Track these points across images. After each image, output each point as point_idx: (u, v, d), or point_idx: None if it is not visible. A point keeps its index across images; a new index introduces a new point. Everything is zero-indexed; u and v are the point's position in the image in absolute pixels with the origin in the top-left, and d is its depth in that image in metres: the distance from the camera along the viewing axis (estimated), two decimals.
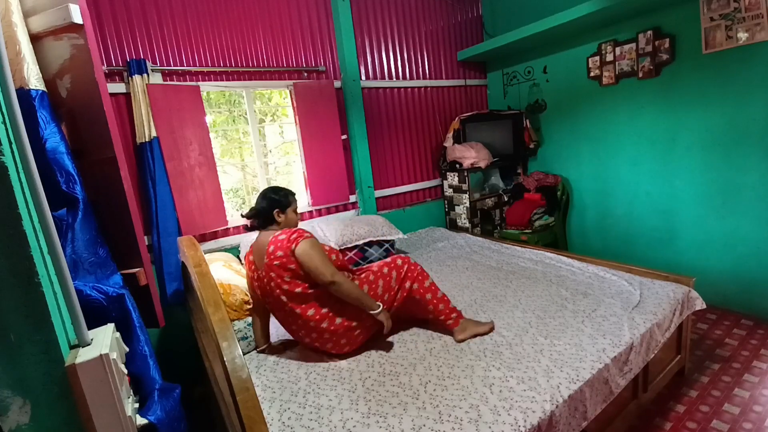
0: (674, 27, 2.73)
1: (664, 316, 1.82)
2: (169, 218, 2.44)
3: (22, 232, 0.57)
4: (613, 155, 3.28)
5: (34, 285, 0.58)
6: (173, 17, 2.52)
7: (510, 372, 1.50)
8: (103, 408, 0.64)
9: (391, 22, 3.48)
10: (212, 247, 2.71)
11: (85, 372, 0.62)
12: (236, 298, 1.95)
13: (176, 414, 1.07)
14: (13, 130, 0.61)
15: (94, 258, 1.07)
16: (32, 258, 0.58)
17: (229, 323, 1.25)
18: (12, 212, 0.56)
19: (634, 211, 3.22)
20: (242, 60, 2.79)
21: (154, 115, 2.38)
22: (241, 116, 3.53)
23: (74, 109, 1.16)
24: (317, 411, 1.42)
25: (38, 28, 1.07)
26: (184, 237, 1.86)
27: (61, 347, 0.61)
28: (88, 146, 1.19)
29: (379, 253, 2.92)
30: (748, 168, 2.55)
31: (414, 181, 3.75)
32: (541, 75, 3.64)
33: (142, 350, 1.07)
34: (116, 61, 2.35)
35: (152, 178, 2.39)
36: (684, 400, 1.97)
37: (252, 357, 1.86)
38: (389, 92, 3.52)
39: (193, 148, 2.57)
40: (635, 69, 2.95)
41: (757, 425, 1.77)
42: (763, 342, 2.36)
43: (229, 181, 4.21)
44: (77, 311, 0.67)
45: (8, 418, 0.56)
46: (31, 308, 0.58)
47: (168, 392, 1.09)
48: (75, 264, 1.01)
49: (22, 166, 0.62)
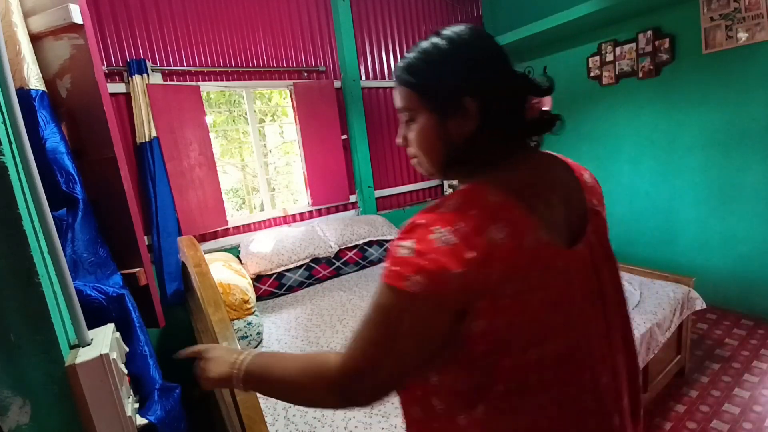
0: (674, 27, 2.73)
1: (664, 316, 1.82)
2: (169, 218, 2.44)
3: (22, 232, 0.57)
4: (613, 155, 3.28)
5: (34, 285, 0.58)
6: (173, 17, 2.52)
7: None
8: (103, 408, 0.64)
9: (391, 22, 3.48)
10: (212, 247, 2.70)
11: (85, 372, 0.62)
12: (236, 298, 1.96)
13: (176, 414, 1.07)
14: (13, 130, 0.61)
15: (94, 258, 1.07)
16: (32, 258, 0.58)
17: (229, 323, 1.26)
18: (12, 212, 0.56)
19: (634, 211, 3.22)
20: (242, 60, 2.79)
21: (154, 115, 2.38)
22: (241, 116, 3.53)
23: (74, 109, 1.16)
24: (321, 409, 1.42)
25: (38, 28, 1.07)
26: (184, 237, 1.86)
27: (61, 347, 0.61)
28: (88, 146, 1.19)
29: (379, 253, 2.92)
30: (748, 168, 2.55)
31: (414, 181, 3.75)
32: (541, 75, 3.63)
33: (142, 350, 1.07)
34: (116, 61, 2.35)
35: (152, 178, 2.38)
36: (684, 400, 1.97)
37: None
38: (389, 92, 3.52)
39: (193, 148, 2.57)
40: (635, 69, 2.95)
41: (757, 425, 1.77)
42: (763, 342, 2.36)
43: (229, 181, 4.21)
44: (77, 311, 0.67)
45: (8, 418, 0.56)
46: (31, 308, 0.58)
47: (168, 392, 1.09)
48: (75, 264, 1.01)
49: (22, 166, 0.62)
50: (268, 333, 2.08)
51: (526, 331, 0.55)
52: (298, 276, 2.59)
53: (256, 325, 1.99)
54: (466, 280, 0.50)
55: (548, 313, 0.56)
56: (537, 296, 0.54)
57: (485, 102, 0.59)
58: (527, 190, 0.58)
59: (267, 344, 1.98)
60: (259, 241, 2.63)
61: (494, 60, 0.61)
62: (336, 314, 2.19)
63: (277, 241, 2.63)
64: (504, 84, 0.61)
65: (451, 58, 0.60)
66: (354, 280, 2.67)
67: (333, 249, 2.72)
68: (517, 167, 0.61)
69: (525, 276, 0.53)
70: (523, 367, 0.55)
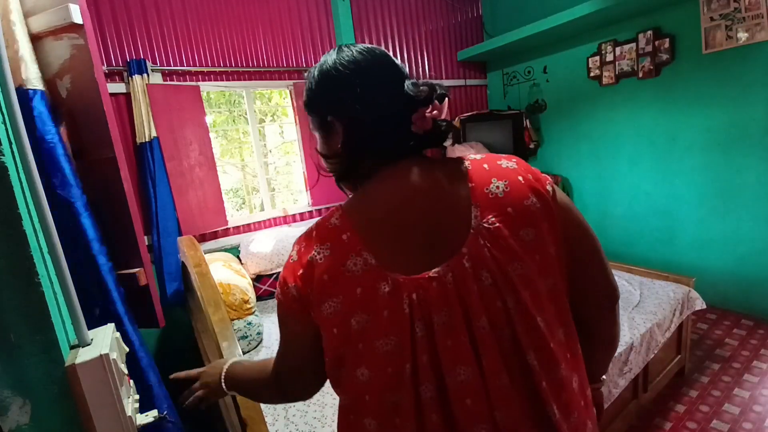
0: (674, 27, 2.73)
1: (664, 316, 1.82)
2: (169, 218, 2.44)
3: (22, 232, 0.57)
4: (613, 155, 3.28)
5: (34, 285, 0.58)
6: (173, 17, 2.52)
7: None
8: (103, 408, 0.64)
9: (391, 22, 3.48)
10: (212, 247, 2.70)
11: (85, 372, 0.62)
12: (236, 298, 1.96)
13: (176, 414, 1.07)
14: (13, 130, 0.61)
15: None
16: (32, 258, 0.58)
17: (229, 323, 1.26)
18: (12, 212, 0.56)
19: (634, 211, 3.22)
20: (242, 60, 2.79)
21: (154, 115, 2.38)
22: (241, 116, 3.54)
23: (74, 109, 1.16)
24: (321, 409, 1.42)
25: (38, 28, 1.07)
26: (184, 237, 1.86)
27: (61, 347, 0.61)
28: (88, 146, 1.19)
29: None
30: (748, 168, 2.55)
31: None
32: (541, 75, 3.64)
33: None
34: (116, 61, 2.35)
35: (152, 178, 2.38)
36: (684, 400, 1.97)
37: (252, 356, 1.86)
38: None
39: (193, 148, 2.57)
40: (635, 69, 2.95)
41: (757, 425, 1.77)
42: (763, 342, 2.36)
43: (229, 181, 4.21)
44: (77, 311, 0.67)
45: (8, 418, 0.56)
46: (31, 308, 0.58)
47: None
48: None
49: (22, 166, 0.62)
50: (268, 333, 2.08)
51: (350, 350, 0.57)
52: None
53: (256, 325, 1.99)
54: (298, 293, 0.59)
55: (370, 337, 0.55)
56: (355, 317, 0.56)
57: (348, 121, 0.62)
58: (376, 211, 0.60)
59: (267, 344, 1.98)
60: (259, 241, 2.63)
61: (362, 82, 0.61)
62: None
63: (277, 241, 2.63)
64: (367, 104, 0.60)
65: (318, 83, 0.64)
66: None
67: None
68: (383, 182, 0.61)
69: (343, 295, 0.56)
70: (355, 385, 0.58)
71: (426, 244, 0.58)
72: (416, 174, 0.61)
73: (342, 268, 0.56)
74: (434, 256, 0.57)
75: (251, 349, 1.93)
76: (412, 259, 0.57)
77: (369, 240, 0.57)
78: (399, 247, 0.58)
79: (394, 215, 0.59)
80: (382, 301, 0.55)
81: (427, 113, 0.60)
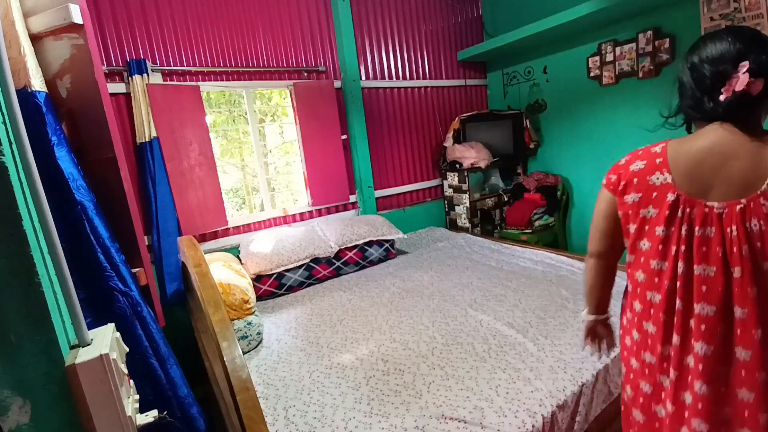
0: (674, 27, 2.73)
1: None
2: (169, 218, 2.44)
3: (22, 232, 0.57)
4: (613, 155, 3.27)
5: (34, 285, 0.58)
6: (173, 17, 2.52)
7: (516, 373, 1.50)
8: (103, 408, 0.64)
9: (391, 22, 3.48)
10: (212, 247, 2.71)
11: (85, 372, 0.62)
12: (236, 298, 1.95)
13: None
14: (13, 130, 0.61)
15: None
16: (32, 258, 0.58)
17: (229, 323, 1.26)
18: (12, 212, 0.56)
19: None
20: (242, 60, 2.79)
21: (154, 115, 2.38)
22: (241, 116, 3.54)
23: (74, 109, 1.16)
24: (321, 409, 1.42)
25: (38, 28, 1.07)
26: (184, 237, 1.86)
27: (61, 347, 0.61)
28: (88, 146, 1.19)
29: (379, 253, 2.92)
30: None
31: (414, 181, 3.75)
32: (541, 75, 3.64)
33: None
34: (116, 61, 2.35)
35: (152, 178, 2.38)
36: None
37: (252, 356, 1.86)
38: (389, 92, 3.52)
39: (193, 148, 2.57)
40: (635, 69, 2.95)
41: None
42: None
43: (229, 181, 4.21)
44: (77, 311, 0.67)
45: (8, 418, 0.56)
46: (31, 308, 0.58)
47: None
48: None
49: (22, 166, 0.62)
50: (268, 333, 2.08)
51: (639, 228, 0.93)
52: (298, 276, 2.59)
53: (256, 325, 1.99)
54: (616, 181, 0.96)
55: (654, 223, 0.90)
56: (647, 209, 0.90)
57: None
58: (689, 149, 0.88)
59: (267, 344, 1.98)
60: (259, 241, 2.63)
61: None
62: (336, 314, 2.19)
63: (277, 241, 2.63)
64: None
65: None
66: (354, 280, 2.67)
67: (333, 249, 2.72)
68: (703, 134, 0.88)
69: (642, 193, 0.91)
70: (637, 250, 0.95)
71: (712, 184, 0.83)
72: (728, 133, 0.84)
73: (648, 178, 0.90)
74: (714, 194, 0.83)
75: (251, 349, 1.93)
76: (696, 188, 0.85)
77: (673, 165, 0.88)
78: (692, 177, 0.85)
79: (699, 155, 0.86)
80: (666, 205, 0.87)
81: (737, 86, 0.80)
